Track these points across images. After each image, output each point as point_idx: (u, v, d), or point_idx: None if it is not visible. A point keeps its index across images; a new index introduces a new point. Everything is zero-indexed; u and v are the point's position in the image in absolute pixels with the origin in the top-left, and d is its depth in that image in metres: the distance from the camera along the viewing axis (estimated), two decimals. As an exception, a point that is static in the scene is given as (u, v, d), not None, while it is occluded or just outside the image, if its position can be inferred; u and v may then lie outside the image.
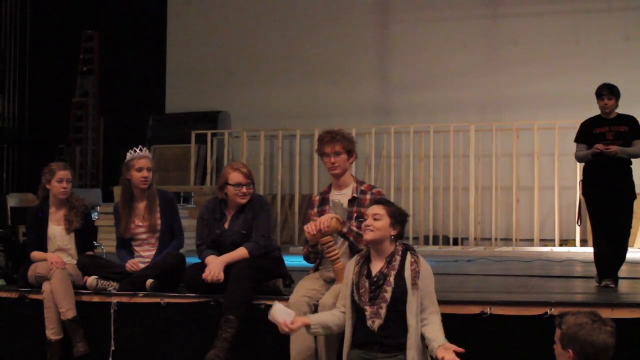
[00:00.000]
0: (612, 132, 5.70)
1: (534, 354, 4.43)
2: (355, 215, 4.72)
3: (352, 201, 4.79)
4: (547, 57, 11.04)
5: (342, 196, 4.83)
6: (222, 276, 4.91)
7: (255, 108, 12.19)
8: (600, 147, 5.62)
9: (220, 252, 5.09)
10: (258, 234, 5.04)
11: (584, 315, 3.06)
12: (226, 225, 5.14)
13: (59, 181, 5.53)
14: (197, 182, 11.62)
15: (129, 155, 5.47)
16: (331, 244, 4.59)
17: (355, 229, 4.63)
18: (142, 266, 5.31)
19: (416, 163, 10.79)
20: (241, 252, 5.01)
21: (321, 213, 4.77)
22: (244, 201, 5.09)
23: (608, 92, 5.76)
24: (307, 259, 4.86)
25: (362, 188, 4.83)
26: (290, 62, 12.24)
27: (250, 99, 12.30)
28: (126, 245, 5.49)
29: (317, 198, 4.95)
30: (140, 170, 5.40)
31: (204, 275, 4.92)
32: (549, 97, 10.85)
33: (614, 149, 5.61)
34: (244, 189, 5.06)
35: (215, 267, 4.94)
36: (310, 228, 4.55)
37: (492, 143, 10.43)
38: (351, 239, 4.64)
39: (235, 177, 5.06)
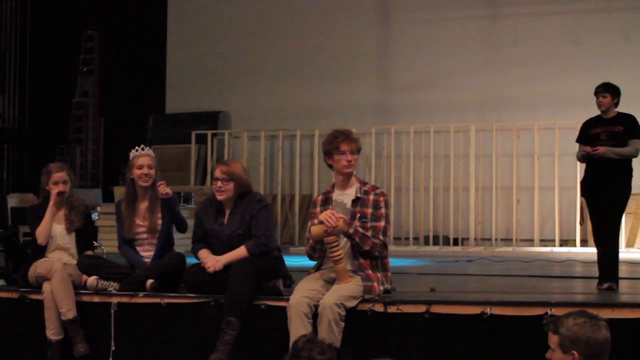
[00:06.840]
0: (606, 133, 5.71)
1: (534, 354, 4.42)
2: (358, 215, 4.73)
3: (355, 201, 4.78)
4: (547, 57, 11.04)
5: (345, 196, 4.83)
6: (221, 265, 4.98)
7: (255, 108, 12.19)
8: (587, 149, 5.66)
9: (215, 249, 5.11)
10: (258, 232, 5.03)
11: (578, 315, 3.08)
12: (224, 221, 5.13)
13: (55, 183, 5.54)
14: (197, 182, 11.61)
15: (131, 154, 5.49)
16: (335, 243, 4.60)
17: (360, 229, 4.64)
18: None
19: (416, 163, 10.79)
20: (240, 252, 5.02)
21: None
22: (220, 197, 5.10)
23: (602, 89, 5.75)
24: (309, 255, 4.85)
25: (365, 188, 4.83)
26: (290, 62, 12.23)
27: (250, 99, 12.30)
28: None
29: (320, 197, 4.94)
30: (140, 167, 5.42)
31: (208, 267, 4.98)
32: (549, 97, 10.85)
33: (601, 150, 5.61)
34: (219, 184, 5.07)
35: (212, 259, 5.01)
36: (332, 219, 4.53)
37: (492, 143, 10.42)
38: (357, 239, 4.64)
39: (215, 171, 5.14)
